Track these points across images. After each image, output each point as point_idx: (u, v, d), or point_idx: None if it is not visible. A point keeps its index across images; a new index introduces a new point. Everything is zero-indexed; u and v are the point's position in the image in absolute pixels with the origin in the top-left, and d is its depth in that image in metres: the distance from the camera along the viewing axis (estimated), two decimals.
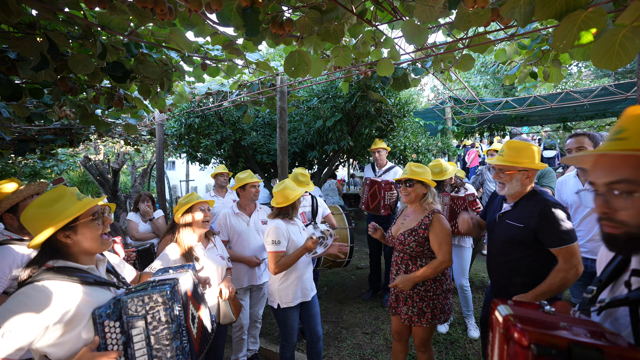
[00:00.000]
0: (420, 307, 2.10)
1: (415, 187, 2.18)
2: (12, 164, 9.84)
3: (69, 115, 3.87)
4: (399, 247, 2.19)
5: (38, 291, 1.13)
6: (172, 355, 1.30)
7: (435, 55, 2.64)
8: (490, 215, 2.08)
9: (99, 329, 1.20)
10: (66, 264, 1.26)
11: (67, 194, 1.29)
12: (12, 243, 1.76)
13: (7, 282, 1.68)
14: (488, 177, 4.04)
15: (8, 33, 1.77)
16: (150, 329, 1.28)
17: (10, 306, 1.09)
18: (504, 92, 11.08)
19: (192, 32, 2.07)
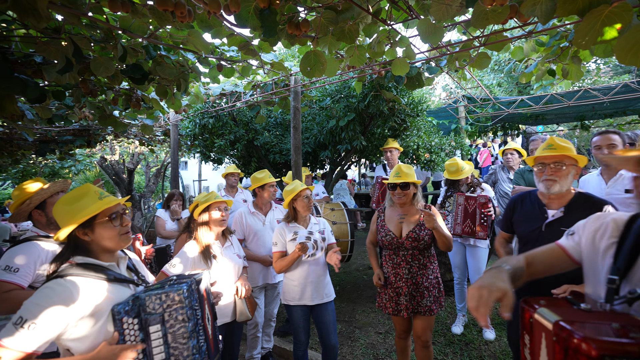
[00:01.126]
0: (435, 295, 2.25)
1: (410, 189, 2.27)
2: (33, 164, 10.15)
3: (88, 116, 3.99)
4: (412, 244, 2.22)
5: (61, 286, 1.17)
6: (189, 354, 1.32)
7: (450, 54, 2.62)
8: (529, 224, 1.84)
9: (118, 325, 1.23)
10: (87, 260, 1.29)
11: (90, 192, 1.32)
12: (39, 239, 1.82)
13: (33, 277, 1.74)
14: (502, 177, 3.96)
15: (35, 38, 1.84)
16: (168, 327, 1.29)
17: (36, 299, 1.13)
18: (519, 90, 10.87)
19: (209, 34, 2.11)
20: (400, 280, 2.26)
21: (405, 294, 2.23)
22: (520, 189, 3.09)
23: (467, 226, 3.10)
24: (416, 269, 2.24)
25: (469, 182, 3.27)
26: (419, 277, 2.24)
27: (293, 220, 2.44)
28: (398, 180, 2.24)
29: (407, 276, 2.24)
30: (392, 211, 2.38)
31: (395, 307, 2.27)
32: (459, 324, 3.36)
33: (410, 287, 2.23)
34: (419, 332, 2.27)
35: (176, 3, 1.58)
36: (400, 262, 2.27)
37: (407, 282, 2.24)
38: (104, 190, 1.36)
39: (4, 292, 1.63)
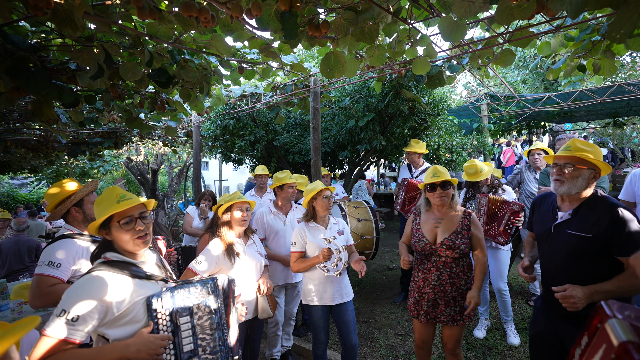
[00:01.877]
0: (462, 305, 2.14)
1: (450, 190, 2.18)
2: (66, 164, 10.70)
3: (116, 119, 4.16)
4: (445, 252, 2.12)
5: (96, 280, 1.25)
6: (215, 345, 1.40)
7: (472, 51, 2.56)
8: (542, 225, 1.85)
9: (153, 315, 1.31)
10: (118, 257, 1.37)
11: (112, 195, 1.39)
12: (74, 237, 1.93)
13: (71, 272, 1.85)
14: (528, 177, 3.81)
15: (70, 46, 1.94)
16: (196, 319, 1.38)
17: (75, 292, 1.21)
18: (545, 87, 10.44)
19: (231, 38, 2.16)
20: (428, 287, 2.18)
21: (428, 300, 2.17)
22: (547, 189, 2.98)
23: (491, 228, 3.02)
24: (446, 277, 2.13)
25: (490, 184, 3.18)
26: (447, 286, 2.13)
27: (312, 220, 2.45)
28: (437, 179, 2.14)
29: (434, 283, 2.15)
30: (427, 215, 2.28)
31: (418, 310, 2.23)
32: (482, 327, 3.28)
33: (436, 294, 2.14)
34: (446, 339, 2.21)
35: (200, 9, 1.63)
36: (430, 268, 2.18)
37: (435, 289, 2.15)
38: (126, 193, 1.41)
39: (49, 286, 1.74)
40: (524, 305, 3.84)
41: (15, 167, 7.88)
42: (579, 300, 1.47)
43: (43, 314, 2.58)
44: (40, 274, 1.76)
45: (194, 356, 1.35)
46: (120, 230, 1.35)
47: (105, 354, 1.19)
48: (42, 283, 1.74)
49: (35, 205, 14.46)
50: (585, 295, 1.48)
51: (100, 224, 1.35)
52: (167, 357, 1.29)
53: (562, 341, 1.70)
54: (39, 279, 1.75)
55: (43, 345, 1.12)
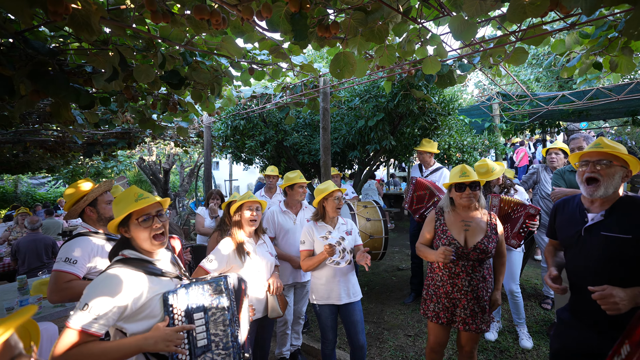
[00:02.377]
0: (483, 307, 2.08)
1: (478, 191, 2.11)
2: (81, 164, 10.98)
3: (130, 120, 4.25)
4: (479, 256, 2.03)
5: (116, 276, 1.30)
6: (227, 341, 1.43)
7: (484, 50, 2.53)
8: (569, 229, 1.72)
9: (169, 310, 1.35)
10: (135, 254, 1.42)
11: (130, 194, 1.44)
12: (90, 235, 1.98)
13: (86, 269, 1.90)
14: (544, 178, 3.70)
15: (86, 50, 2.00)
16: (209, 315, 1.42)
17: (96, 287, 1.26)
18: (559, 85, 10.22)
19: (242, 39, 2.18)
20: (459, 292, 2.08)
21: (464, 307, 2.07)
22: (560, 191, 2.92)
23: (504, 230, 2.97)
24: (477, 282, 2.06)
25: (501, 184, 3.13)
26: (479, 291, 2.06)
27: (321, 220, 2.46)
28: (467, 179, 2.04)
29: (466, 288, 2.06)
30: (453, 216, 2.17)
31: (450, 318, 2.11)
32: (493, 330, 3.24)
33: (470, 300, 2.06)
34: (465, 342, 2.17)
35: (212, 11, 1.66)
36: (459, 273, 2.08)
37: (467, 295, 2.06)
38: (143, 192, 1.46)
39: (66, 282, 1.80)
40: (537, 307, 3.77)
41: (34, 167, 8.13)
42: (621, 300, 1.35)
43: (60, 309, 2.67)
44: (57, 270, 1.82)
45: (208, 351, 1.38)
46: (139, 227, 1.40)
47: (125, 345, 1.24)
48: (59, 279, 1.80)
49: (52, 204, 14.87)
50: (628, 296, 1.36)
51: (119, 221, 1.40)
52: (182, 351, 1.33)
53: (594, 355, 1.56)
54: (57, 275, 1.81)
55: (67, 336, 1.17)
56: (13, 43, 1.70)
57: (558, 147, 3.58)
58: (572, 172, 3.00)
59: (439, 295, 2.14)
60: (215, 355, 1.40)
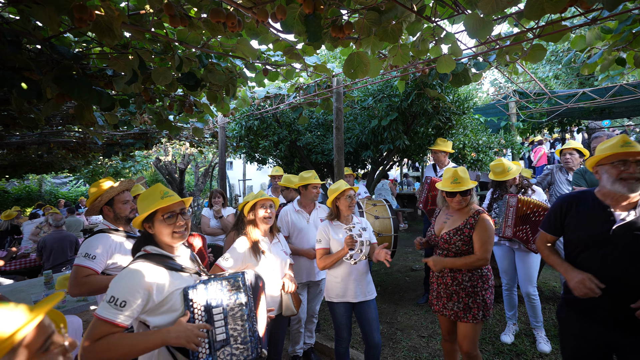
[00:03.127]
0: (467, 303, 2.15)
1: (469, 196, 2.21)
2: (101, 165, 11.32)
3: (147, 121, 4.36)
4: (443, 246, 2.22)
5: (138, 270, 1.35)
6: (245, 336, 1.46)
7: (500, 48, 2.49)
8: (591, 229, 1.67)
9: (189, 305, 1.39)
10: (157, 250, 1.48)
11: (156, 192, 1.50)
12: (110, 232, 2.05)
13: (105, 265, 1.97)
14: (559, 179, 3.60)
15: (107, 54, 2.07)
16: (228, 310, 1.45)
17: (121, 281, 1.31)
18: (580, 82, 9.90)
19: (257, 41, 2.22)
20: (433, 277, 2.34)
21: (434, 290, 2.31)
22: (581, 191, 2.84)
23: (521, 230, 2.91)
24: (447, 270, 2.23)
25: (518, 183, 3.06)
26: (448, 279, 2.22)
27: (336, 219, 2.48)
28: (458, 188, 2.15)
29: (437, 274, 2.29)
30: (444, 210, 2.41)
31: (430, 300, 2.36)
32: (509, 332, 3.18)
33: (439, 285, 2.27)
34: (459, 340, 2.22)
35: (228, 14, 1.69)
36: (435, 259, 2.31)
37: (438, 280, 2.28)
38: (168, 190, 1.52)
39: (84, 277, 1.87)
40: (555, 311, 3.68)
41: (57, 167, 8.44)
42: None
43: (83, 304, 2.77)
44: (77, 264, 1.90)
45: (226, 345, 1.42)
46: (163, 223, 1.45)
47: (149, 337, 1.29)
48: (79, 273, 1.87)
49: (73, 202, 15.39)
50: None
51: (145, 217, 1.46)
52: (202, 345, 1.37)
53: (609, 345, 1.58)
54: (76, 269, 1.89)
55: (95, 327, 1.24)
56: (41, 49, 1.78)
57: (572, 147, 3.50)
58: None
59: (430, 284, 2.40)
60: (233, 350, 1.43)
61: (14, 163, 7.51)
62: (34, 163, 7.64)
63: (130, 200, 2.20)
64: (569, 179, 3.53)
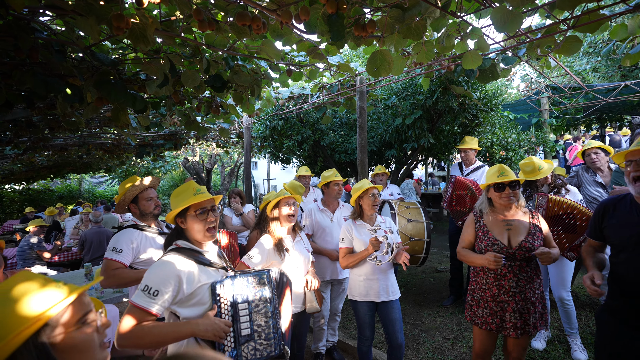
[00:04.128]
0: (540, 310, 2.04)
1: (518, 190, 2.07)
2: (133, 165, 11.92)
3: (176, 122, 4.55)
4: (524, 255, 1.99)
5: (170, 262, 1.43)
6: (269, 332, 1.50)
7: (530, 41, 2.39)
8: (625, 230, 1.63)
9: (216, 299, 1.45)
10: (187, 245, 1.55)
11: (189, 188, 1.57)
12: (140, 228, 2.17)
13: (132, 258, 2.08)
14: (586, 180, 3.40)
15: (141, 59, 2.19)
16: (253, 306, 1.50)
17: (155, 271, 1.40)
18: (622, 74, 9.25)
19: (280, 42, 2.26)
20: (506, 294, 2.01)
21: (513, 310, 2.00)
22: (622, 190, 2.68)
23: (551, 232, 2.78)
24: (524, 282, 2.00)
25: (550, 183, 2.92)
26: (527, 292, 2.00)
27: (359, 218, 2.48)
28: (506, 179, 2.01)
29: (514, 289, 2.00)
30: (493, 217, 2.13)
31: (499, 323, 2.03)
32: (541, 338, 3.04)
33: (518, 302, 1.99)
34: (512, 348, 2.09)
35: (253, 17, 1.75)
36: (505, 274, 2.03)
37: (515, 296, 2.00)
38: (201, 187, 1.59)
39: (113, 269, 1.99)
40: (593, 318, 3.48)
41: (95, 167, 8.99)
42: None
43: (119, 295, 2.95)
44: (106, 258, 2.02)
45: (251, 340, 1.46)
46: (195, 219, 1.52)
47: (180, 328, 1.37)
48: (108, 266, 1.99)
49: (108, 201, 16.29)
50: None
51: (178, 212, 1.55)
52: (228, 339, 1.43)
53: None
54: (106, 262, 2.01)
55: (131, 313, 1.33)
56: (83, 57, 1.91)
57: (595, 147, 3.31)
58: None
59: (485, 300, 2.08)
60: (257, 345, 1.47)
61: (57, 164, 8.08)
62: (75, 163, 8.18)
63: (155, 197, 2.29)
64: (597, 179, 3.34)
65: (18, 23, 1.57)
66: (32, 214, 8.79)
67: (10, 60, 1.91)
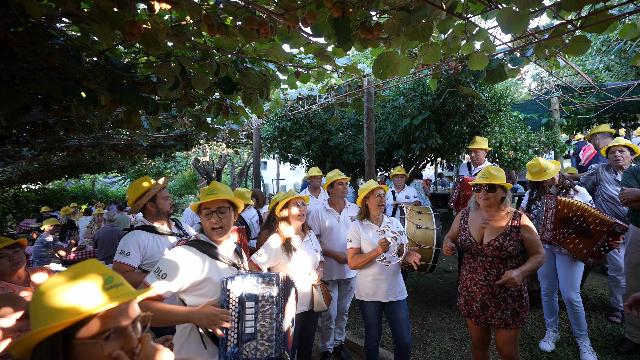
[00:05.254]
0: (514, 308, 2.10)
1: (497, 192, 2.14)
2: (145, 165, 12.13)
3: (187, 123, 4.64)
4: (492, 253, 2.11)
5: (185, 252, 1.53)
6: (272, 334, 1.53)
7: (538, 41, 2.38)
8: None
9: (225, 293, 1.51)
10: (204, 238, 1.65)
11: (208, 188, 1.66)
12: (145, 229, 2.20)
13: (140, 260, 2.11)
14: (606, 178, 3.32)
15: (152, 63, 2.25)
16: (259, 306, 1.54)
17: (170, 258, 1.50)
18: (636, 73, 9.02)
19: (288, 45, 2.30)
20: (475, 286, 2.17)
21: (477, 300, 2.15)
22: (632, 191, 2.63)
23: (562, 234, 2.73)
24: (494, 278, 2.11)
25: (558, 184, 2.89)
26: (496, 287, 2.10)
27: (366, 218, 2.50)
28: (484, 181, 2.13)
29: (482, 283, 2.14)
30: (476, 214, 2.27)
31: (469, 310, 2.22)
32: (549, 340, 3.01)
33: (484, 295, 2.13)
34: (500, 344, 2.16)
35: (261, 21, 1.79)
36: (477, 268, 2.18)
37: (482, 289, 2.14)
38: (216, 187, 1.65)
39: (122, 273, 2.00)
40: (603, 320, 3.43)
41: (107, 167, 9.20)
42: None
43: None
44: (116, 261, 2.06)
45: (253, 339, 1.49)
46: (203, 218, 1.64)
47: (178, 311, 1.45)
48: (118, 269, 2.00)
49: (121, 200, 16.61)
50: None
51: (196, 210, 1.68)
52: (230, 334, 1.47)
53: None
54: (115, 266, 2.04)
55: (140, 287, 1.42)
56: (97, 61, 1.98)
57: (622, 144, 3.20)
58: None
59: (462, 289, 2.29)
60: (259, 345, 1.50)
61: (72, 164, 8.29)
62: (88, 164, 8.39)
63: (169, 196, 2.37)
64: (618, 178, 3.26)
65: (36, 30, 1.64)
66: (47, 213, 9.04)
67: (29, 65, 1.99)
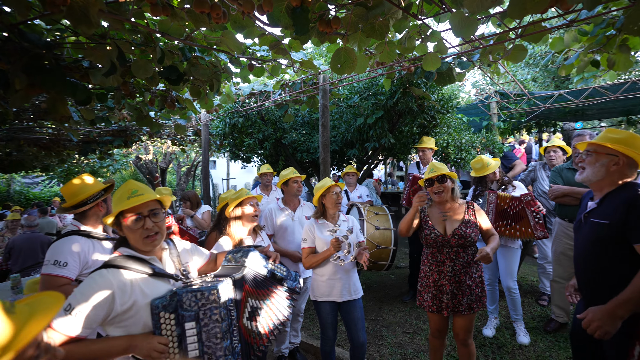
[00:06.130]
0: (477, 293, 2.22)
1: (447, 182, 2.25)
2: (76, 163, 10.86)
3: (126, 117, 4.21)
4: (458, 242, 2.20)
5: (103, 277, 1.24)
6: (222, 355, 1.31)
7: (483, 47, 2.54)
8: (577, 216, 1.88)
9: (155, 319, 1.28)
10: (130, 252, 1.35)
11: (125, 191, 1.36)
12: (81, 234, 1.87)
13: (79, 270, 1.77)
14: (541, 176, 3.74)
15: (84, 44, 1.97)
16: (202, 326, 1.31)
17: (82, 289, 1.21)
18: (555, 85, 10.28)
19: (242, 34, 2.16)
20: (444, 278, 2.22)
21: (447, 292, 2.21)
22: (558, 188, 2.93)
23: (503, 226, 3.00)
24: (460, 267, 2.21)
25: (498, 179, 3.16)
26: (462, 275, 2.20)
27: (322, 217, 2.45)
28: (433, 174, 2.23)
29: (450, 274, 2.21)
30: (433, 210, 2.35)
31: (438, 304, 2.24)
32: (491, 326, 3.25)
33: (453, 285, 2.20)
34: (457, 330, 2.28)
35: (212, 5, 1.64)
36: (444, 260, 2.24)
37: (450, 280, 2.20)
38: (140, 188, 1.37)
39: (59, 287, 1.68)
40: (534, 304, 3.80)
41: (28, 165, 8.02)
42: (605, 323, 1.39)
43: None
44: (47, 273, 1.71)
45: None
46: (129, 228, 1.32)
47: (111, 346, 1.21)
48: (51, 283, 1.68)
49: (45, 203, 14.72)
50: (606, 315, 1.41)
51: (112, 221, 1.33)
52: None
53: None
54: (47, 279, 1.70)
55: (50, 337, 1.11)
56: (8, 36, 1.67)
57: (556, 145, 3.60)
58: (570, 169, 3.02)
59: (429, 286, 2.30)
60: None
61: None
62: (2, 161, 7.23)
63: None
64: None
65: None
66: None
67: None
